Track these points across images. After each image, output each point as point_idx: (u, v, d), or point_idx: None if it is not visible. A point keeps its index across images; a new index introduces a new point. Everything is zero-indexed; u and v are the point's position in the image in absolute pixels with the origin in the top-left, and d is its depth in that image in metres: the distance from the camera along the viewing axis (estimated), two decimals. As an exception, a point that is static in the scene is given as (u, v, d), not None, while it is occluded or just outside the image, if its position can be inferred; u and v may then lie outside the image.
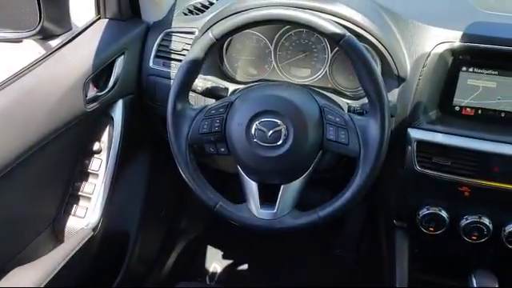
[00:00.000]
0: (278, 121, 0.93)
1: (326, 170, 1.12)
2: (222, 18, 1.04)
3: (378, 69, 0.90)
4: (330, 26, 0.89)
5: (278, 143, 0.93)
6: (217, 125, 0.97)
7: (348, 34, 0.89)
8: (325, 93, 1.09)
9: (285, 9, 0.92)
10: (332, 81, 1.16)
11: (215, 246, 1.88)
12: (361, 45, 0.90)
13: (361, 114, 1.01)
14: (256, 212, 0.98)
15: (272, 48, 1.17)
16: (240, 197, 1.01)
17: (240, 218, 0.99)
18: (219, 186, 1.16)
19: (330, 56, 1.15)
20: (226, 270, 1.84)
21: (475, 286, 0.99)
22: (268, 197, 1.00)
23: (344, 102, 1.09)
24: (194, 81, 0.99)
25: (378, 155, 0.90)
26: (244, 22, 0.92)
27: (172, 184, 1.50)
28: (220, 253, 1.88)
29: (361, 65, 0.89)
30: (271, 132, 0.93)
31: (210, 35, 0.94)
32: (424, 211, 1.11)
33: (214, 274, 1.82)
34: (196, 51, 0.95)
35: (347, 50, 0.90)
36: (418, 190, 1.10)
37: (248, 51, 1.20)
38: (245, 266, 1.87)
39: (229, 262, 1.88)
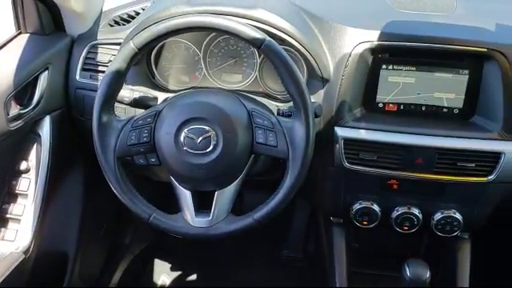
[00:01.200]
0: (207, 127, 0.93)
1: (262, 173, 1.14)
2: (145, 28, 1.03)
3: (299, 71, 0.92)
4: (249, 31, 0.91)
5: (208, 150, 0.93)
6: (145, 135, 0.96)
7: (268, 38, 0.91)
8: (254, 97, 1.10)
9: (204, 16, 0.92)
10: (263, 85, 1.18)
11: (163, 258, 1.85)
12: (281, 48, 0.92)
13: (289, 116, 1.03)
14: (191, 221, 0.98)
15: (201, 55, 1.18)
16: None
17: (175, 228, 0.98)
18: (163, 197, 1.15)
19: (258, 61, 1.17)
20: (176, 281, 1.82)
21: (408, 274, 1.02)
22: (203, 204, 1.00)
23: (274, 105, 1.11)
24: (118, 92, 0.98)
25: (305, 155, 0.92)
26: (164, 30, 0.91)
27: (111, 199, 1.47)
28: (168, 265, 1.85)
29: (282, 68, 0.91)
30: (200, 139, 0.93)
31: (131, 45, 0.93)
32: (357, 206, 1.14)
33: (162, 287, 1.79)
34: (117, 62, 0.94)
35: (268, 53, 0.91)
36: (350, 186, 1.13)
37: (178, 59, 1.20)
38: (194, 276, 1.85)
39: (178, 273, 1.85)
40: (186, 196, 0.98)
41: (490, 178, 1.04)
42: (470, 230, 1.19)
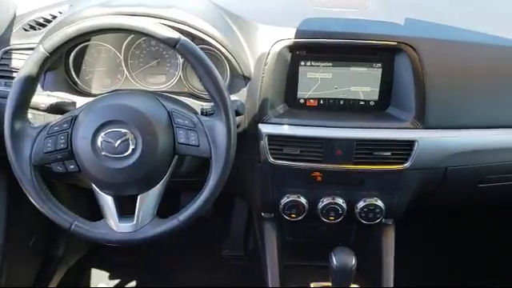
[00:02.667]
0: (125, 130, 0.92)
1: (190, 174, 1.14)
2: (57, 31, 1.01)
3: (217, 70, 0.93)
4: (162, 30, 0.90)
5: (128, 153, 0.92)
6: (62, 141, 0.93)
7: (183, 37, 0.91)
8: (176, 97, 1.10)
9: (115, 17, 0.91)
10: (187, 85, 1.18)
11: (100, 268, 1.81)
12: (197, 47, 0.92)
13: (212, 114, 1.04)
14: (115, 226, 0.96)
15: (122, 57, 1.16)
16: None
17: (99, 235, 0.96)
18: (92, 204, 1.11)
19: (181, 61, 1.16)
20: (116, 288, 1.78)
21: (335, 263, 1.06)
22: (127, 209, 0.98)
23: (198, 105, 1.11)
24: (31, 98, 0.94)
25: (227, 153, 0.93)
26: (75, 33, 0.89)
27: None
28: (106, 274, 1.81)
29: (199, 67, 0.92)
30: (118, 142, 0.91)
31: (42, 49, 0.90)
32: (285, 200, 1.17)
33: (101, 296, 1.75)
34: (28, 67, 0.90)
35: (184, 53, 0.92)
36: (277, 181, 1.16)
37: (99, 63, 1.18)
38: (134, 283, 1.82)
39: (117, 280, 1.82)
40: (107, 202, 0.96)
41: (405, 165, 1.09)
42: (392, 217, 1.24)
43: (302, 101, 1.15)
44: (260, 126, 1.09)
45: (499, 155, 1.14)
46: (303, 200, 1.17)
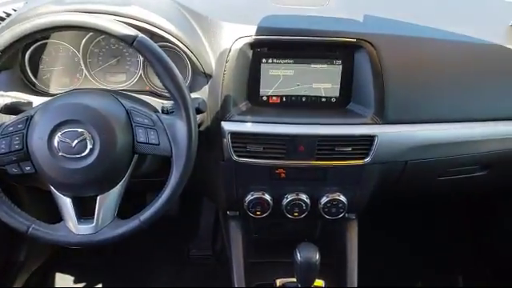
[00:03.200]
0: (82, 130, 0.90)
1: (153, 173, 1.12)
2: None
3: (176, 67, 0.92)
4: (119, 27, 0.89)
5: (85, 153, 0.90)
6: (17, 142, 0.90)
7: (140, 35, 0.90)
8: (137, 95, 1.08)
9: (70, 14, 0.89)
10: (149, 83, 1.17)
11: (64, 272, 1.77)
12: (154, 45, 0.91)
13: (172, 112, 1.02)
14: (74, 229, 0.94)
15: (80, 56, 1.14)
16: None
17: (58, 238, 0.94)
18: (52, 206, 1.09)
19: (142, 59, 1.15)
20: (80, 294, 1.74)
21: (299, 258, 1.06)
22: (87, 210, 0.96)
23: (159, 103, 1.10)
24: None
25: (188, 152, 0.93)
26: (27, 30, 0.87)
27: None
28: (71, 278, 1.77)
29: (157, 64, 0.91)
30: (76, 142, 0.89)
31: None
32: (249, 197, 1.17)
33: (65, 302, 1.71)
34: None
35: (141, 50, 0.90)
36: (241, 179, 1.16)
37: (57, 62, 1.15)
38: (100, 285, 1.79)
39: (83, 283, 1.78)
40: (66, 203, 0.94)
41: (366, 160, 1.11)
42: (355, 211, 1.26)
43: (264, 98, 1.15)
44: (223, 123, 1.09)
45: (457, 149, 1.17)
46: (268, 197, 1.18)
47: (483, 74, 1.17)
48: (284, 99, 1.15)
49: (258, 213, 1.19)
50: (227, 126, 1.09)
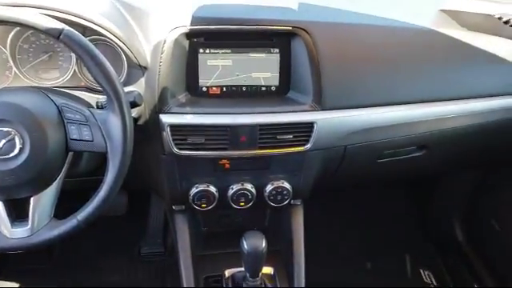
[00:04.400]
0: (8, 129, 0.85)
1: (91, 172, 1.09)
2: None
3: (105, 59, 0.88)
4: (43, 21, 0.85)
5: (14, 153, 0.85)
6: None
7: (67, 27, 0.86)
8: (69, 91, 1.04)
9: None
10: (84, 78, 1.12)
11: (10, 277, 1.70)
12: (82, 38, 0.87)
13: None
14: (8, 233, 0.90)
15: (8, 53, 1.08)
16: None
17: None
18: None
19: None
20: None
21: (246, 247, 1.07)
22: (21, 212, 0.92)
23: (95, 98, 1.06)
24: None
25: (124, 147, 0.90)
26: None
27: None
28: (16, 285, 1.69)
29: (87, 58, 0.87)
30: (3, 142, 0.85)
31: None
32: (194, 190, 1.16)
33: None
34: None
35: (69, 44, 0.86)
36: (184, 172, 1.14)
37: (-17, 60, 1.09)
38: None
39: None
40: None
41: (307, 146, 1.12)
42: (300, 197, 1.28)
43: (204, 89, 1.14)
44: (161, 116, 1.07)
45: (393, 131, 1.21)
46: (213, 189, 1.17)
47: (416, 58, 1.21)
48: (224, 89, 1.15)
49: (204, 205, 1.18)
50: (166, 119, 1.07)
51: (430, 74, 1.22)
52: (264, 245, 1.07)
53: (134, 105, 0.99)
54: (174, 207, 1.25)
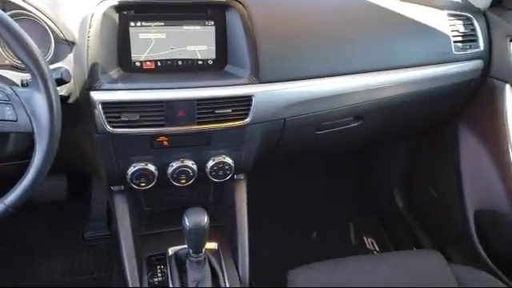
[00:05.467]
0: None
1: (20, 155, 1.03)
2: None
3: (26, 34, 0.83)
4: None
5: None
6: None
7: None
8: None
9: None
10: (7, 56, 1.05)
11: None
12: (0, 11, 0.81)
13: None
14: None
15: None
16: None
17: None
18: None
19: None
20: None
21: (187, 224, 1.05)
22: None
23: (19, 77, 1.00)
24: None
25: (51, 126, 0.85)
26: None
27: None
28: None
29: (6, 33, 0.81)
30: None
31: None
32: (132, 169, 1.13)
33: None
34: None
35: None
36: (120, 151, 1.11)
37: None
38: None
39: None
40: None
41: (246, 120, 1.12)
42: (242, 171, 1.28)
43: (137, 64, 1.10)
44: (92, 93, 1.02)
45: (330, 102, 1.22)
46: (151, 167, 1.14)
47: (351, 30, 1.23)
48: (159, 64, 1.11)
49: (143, 184, 1.15)
50: (97, 96, 1.02)
51: (365, 45, 1.24)
52: (206, 220, 1.06)
53: (61, 82, 0.94)
54: (112, 188, 1.21)
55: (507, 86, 1.33)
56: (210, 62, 1.14)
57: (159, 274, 1.18)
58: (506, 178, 1.35)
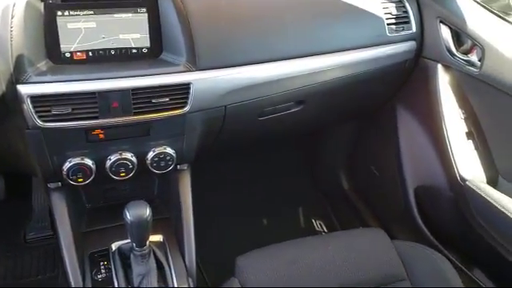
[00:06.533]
0: None
1: None
2: None
3: None
4: None
5: None
6: None
7: None
8: None
9: None
10: None
11: None
12: None
13: None
14: None
15: None
16: None
17: None
18: None
19: None
20: None
21: (129, 217, 1.03)
22: None
23: None
24: None
25: None
26: None
27: None
28: None
29: None
30: None
31: None
32: (67, 165, 1.08)
33: None
34: None
35: None
36: (54, 147, 1.06)
37: None
38: None
39: None
40: None
41: (185, 109, 1.09)
42: (185, 162, 1.26)
43: (67, 55, 1.05)
44: (19, 87, 0.97)
45: (270, 88, 1.22)
46: (88, 161, 1.10)
47: (287, 14, 1.23)
48: (90, 54, 1.07)
49: (81, 180, 1.11)
50: (25, 90, 0.97)
51: (302, 29, 1.25)
52: (148, 213, 1.04)
53: None
54: (49, 185, 1.16)
55: (439, 66, 1.38)
56: (145, 51, 1.11)
57: (103, 271, 1.15)
58: (442, 155, 1.40)
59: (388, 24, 1.36)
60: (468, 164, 1.36)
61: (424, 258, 1.18)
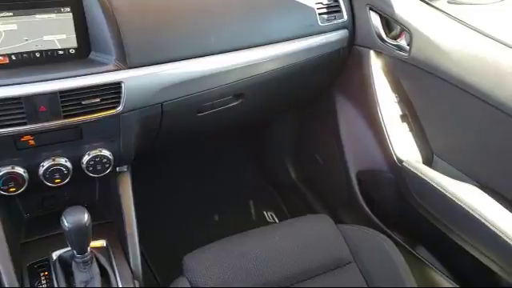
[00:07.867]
0: None
1: None
2: None
3: None
4: None
5: None
6: None
7: None
8: None
9: None
10: None
11: None
12: None
13: None
14: None
15: None
16: None
17: None
18: None
19: None
20: None
21: (66, 224, 0.99)
22: None
23: None
24: None
25: None
26: None
27: None
28: None
29: None
30: None
31: None
32: None
33: None
34: None
35: None
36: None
37: None
38: None
39: None
40: None
41: (118, 109, 1.07)
42: (124, 163, 1.23)
43: (-16, 60, 1.00)
44: None
45: (206, 82, 1.21)
46: (20, 170, 1.06)
47: (218, 7, 1.22)
48: (13, 58, 1.02)
49: (13, 189, 1.06)
50: None
51: (234, 22, 1.25)
52: (87, 218, 1.01)
53: None
54: (-21, 198, 1.11)
55: (371, 52, 1.42)
56: (72, 51, 1.07)
57: (43, 282, 1.11)
58: (380, 139, 1.45)
59: (319, 14, 1.37)
60: (404, 145, 1.41)
61: (368, 240, 1.22)
